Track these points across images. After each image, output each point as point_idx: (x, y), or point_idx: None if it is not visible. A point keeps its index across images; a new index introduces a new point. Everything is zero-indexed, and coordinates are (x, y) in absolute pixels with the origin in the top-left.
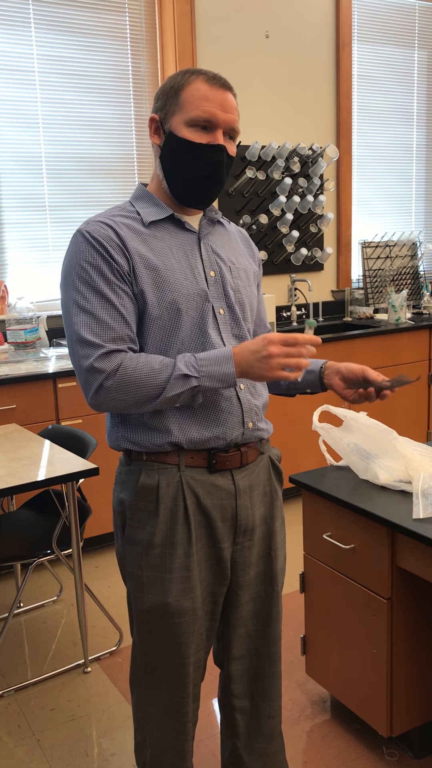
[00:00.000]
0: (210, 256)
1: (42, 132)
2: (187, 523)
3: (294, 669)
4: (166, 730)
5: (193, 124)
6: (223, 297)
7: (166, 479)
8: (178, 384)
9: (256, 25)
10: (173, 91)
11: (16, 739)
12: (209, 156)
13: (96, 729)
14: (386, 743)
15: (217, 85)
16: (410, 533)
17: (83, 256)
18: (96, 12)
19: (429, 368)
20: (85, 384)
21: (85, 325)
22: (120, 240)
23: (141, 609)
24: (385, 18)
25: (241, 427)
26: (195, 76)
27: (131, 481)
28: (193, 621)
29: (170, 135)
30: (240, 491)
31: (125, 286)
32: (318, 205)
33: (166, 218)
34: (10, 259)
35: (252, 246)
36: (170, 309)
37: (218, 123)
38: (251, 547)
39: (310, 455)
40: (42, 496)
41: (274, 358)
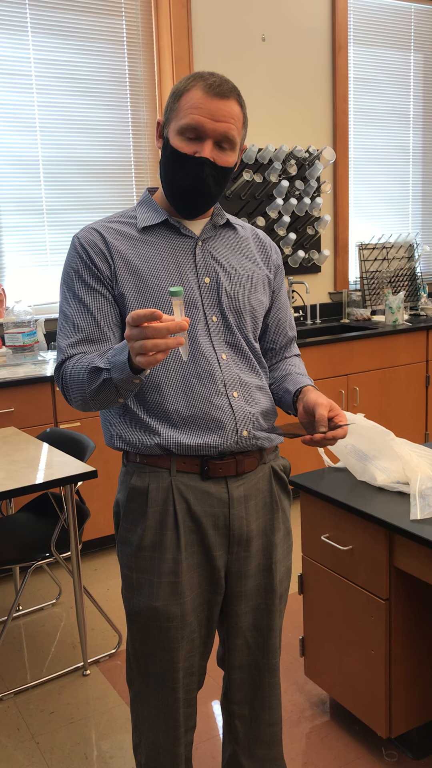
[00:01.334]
0: (206, 262)
1: (39, 135)
2: (176, 528)
3: (293, 670)
4: (158, 733)
5: (182, 132)
6: (216, 304)
7: (156, 482)
8: (92, 378)
9: (252, 29)
10: (175, 96)
11: (15, 742)
12: (191, 167)
13: (95, 732)
14: (385, 744)
15: (212, 93)
16: (408, 534)
17: (70, 261)
18: (93, 16)
19: (426, 370)
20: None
21: (61, 329)
22: (105, 245)
23: (131, 610)
24: (381, 21)
25: (234, 435)
26: (196, 82)
27: (126, 482)
28: (182, 627)
29: (165, 141)
30: (234, 500)
31: (104, 290)
32: (315, 207)
33: (161, 223)
34: (7, 262)
35: (268, 250)
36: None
37: (206, 132)
38: (248, 558)
39: (307, 457)
40: (40, 499)
41: (128, 341)
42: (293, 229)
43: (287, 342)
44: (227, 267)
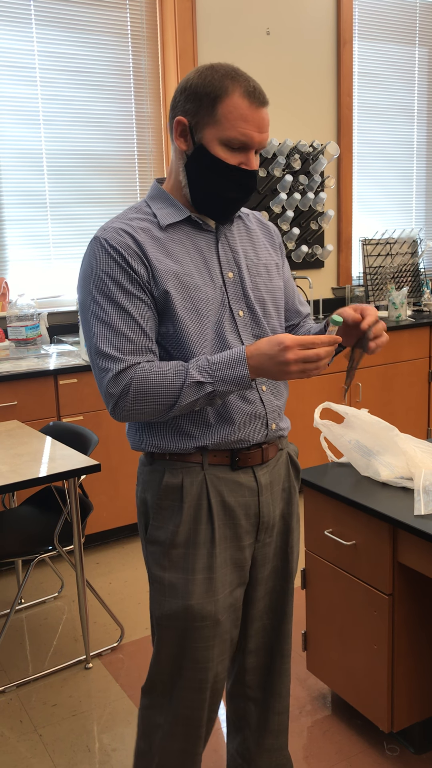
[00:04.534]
0: (228, 256)
1: (43, 129)
2: (210, 523)
3: (295, 665)
4: (177, 737)
5: (228, 143)
6: (242, 298)
7: (190, 478)
8: (192, 391)
9: (257, 22)
10: (209, 99)
11: (18, 735)
12: (243, 181)
13: (97, 724)
14: (387, 739)
15: (256, 103)
16: (411, 529)
17: (100, 265)
18: (97, 9)
19: (430, 365)
20: (104, 400)
21: (104, 337)
22: (138, 247)
23: (163, 614)
24: (385, 15)
25: (264, 429)
26: (234, 86)
27: (154, 480)
28: (214, 626)
29: (201, 148)
30: (262, 488)
31: (144, 296)
32: (319, 202)
33: (183, 219)
34: (11, 255)
35: (273, 234)
36: (192, 313)
37: (253, 145)
38: (270, 543)
39: (311, 452)
40: (43, 492)
41: (290, 364)
42: (297, 223)
43: (304, 317)
44: (246, 259)
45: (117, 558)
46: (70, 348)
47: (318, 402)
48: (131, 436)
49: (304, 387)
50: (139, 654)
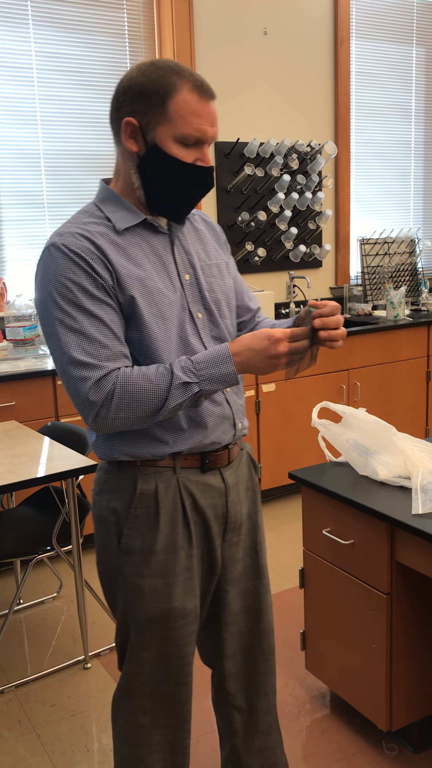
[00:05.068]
0: (183, 258)
1: (40, 129)
2: (186, 525)
3: (293, 664)
4: (166, 733)
5: (182, 140)
6: (200, 300)
7: (163, 483)
8: (179, 393)
9: (254, 22)
10: (158, 97)
11: (17, 735)
12: (201, 178)
13: (96, 724)
14: (385, 738)
15: (206, 96)
16: (409, 528)
17: (63, 272)
18: (94, 9)
19: (427, 365)
20: (82, 411)
21: (77, 345)
22: (100, 252)
23: (143, 618)
24: (383, 14)
25: (232, 429)
26: (181, 81)
27: (125, 488)
28: (194, 620)
29: (155, 148)
30: (229, 488)
31: (111, 301)
32: (316, 202)
33: (139, 223)
34: (8, 256)
35: (217, 232)
36: (157, 318)
37: (207, 140)
38: (238, 542)
39: (309, 451)
40: (42, 492)
41: (281, 357)
42: (294, 223)
43: (255, 312)
44: (199, 259)
45: None
46: None
47: (316, 401)
48: (99, 446)
49: (303, 387)
50: None
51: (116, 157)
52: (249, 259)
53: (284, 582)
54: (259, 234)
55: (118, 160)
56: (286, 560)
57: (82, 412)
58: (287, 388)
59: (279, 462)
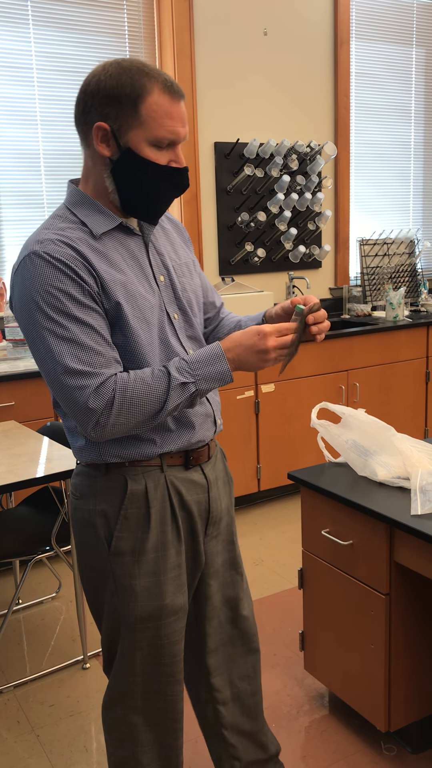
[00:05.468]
0: (156, 259)
1: (40, 129)
2: (175, 522)
3: (292, 665)
4: (159, 732)
5: (157, 143)
6: (174, 301)
7: (152, 482)
8: (177, 393)
9: (254, 22)
10: (129, 100)
11: (15, 735)
12: (176, 179)
13: (95, 725)
14: (384, 738)
15: (176, 96)
16: (408, 529)
17: (48, 280)
18: (94, 9)
19: (427, 365)
20: (80, 421)
21: (70, 354)
22: (83, 258)
23: (135, 617)
24: (383, 15)
25: (213, 426)
26: (151, 83)
27: (113, 489)
28: (183, 616)
29: (129, 152)
30: (210, 484)
31: (98, 307)
32: (316, 202)
33: (116, 227)
34: (8, 256)
35: (183, 231)
36: (141, 323)
37: (180, 140)
38: (218, 536)
39: (308, 452)
40: (41, 492)
41: (270, 351)
42: (294, 224)
43: (219, 308)
44: (170, 260)
45: None
46: None
47: (315, 402)
48: (86, 450)
49: (302, 387)
50: None
51: (84, 160)
52: (248, 259)
53: (283, 582)
54: (258, 234)
55: (87, 163)
56: (285, 561)
57: (81, 420)
58: (286, 388)
59: (278, 462)
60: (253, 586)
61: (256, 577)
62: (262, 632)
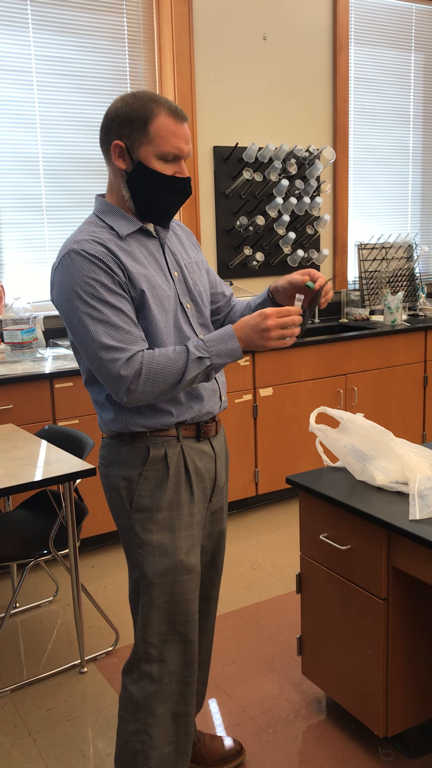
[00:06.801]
0: (171, 258)
1: (39, 132)
2: (189, 485)
3: (290, 669)
4: (173, 700)
5: (163, 157)
6: (187, 293)
7: (171, 449)
8: (195, 366)
9: (253, 27)
10: (140, 122)
11: (12, 740)
12: (180, 187)
13: (92, 729)
14: (382, 743)
15: (180, 119)
16: (406, 534)
17: (85, 272)
18: (94, 13)
19: (424, 370)
20: (114, 388)
21: (105, 333)
22: (113, 254)
23: (153, 572)
24: (382, 21)
25: (219, 401)
26: (158, 108)
27: (137, 456)
28: (196, 577)
29: (140, 165)
30: (217, 455)
31: (126, 294)
32: (315, 206)
33: (137, 229)
34: (7, 259)
35: (190, 234)
36: (160, 309)
37: (183, 155)
38: (218, 503)
39: (306, 456)
40: (39, 496)
41: (271, 330)
42: (293, 228)
43: (229, 297)
44: (182, 258)
45: (112, 562)
46: (66, 351)
47: (313, 406)
48: (116, 421)
49: (300, 391)
50: None
51: (108, 175)
52: (247, 263)
53: (281, 587)
54: (257, 238)
55: (110, 177)
56: (282, 565)
57: (115, 387)
58: (285, 392)
59: (276, 466)
60: (251, 590)
61: (254, 581)
62: (259, 636)
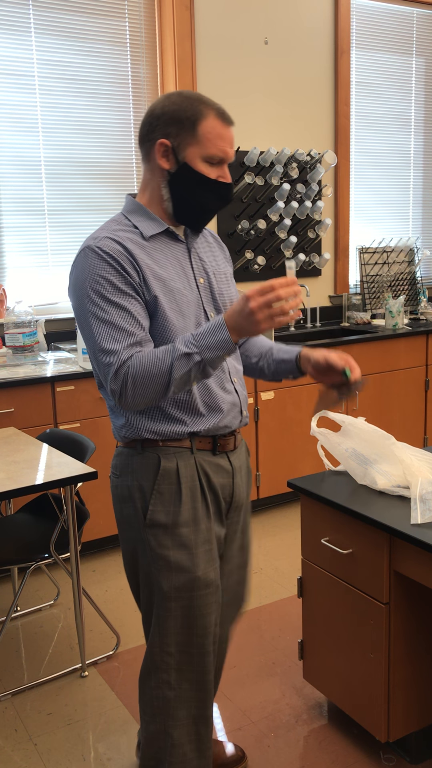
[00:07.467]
0: (198, 264)
1: (41, 136)
2: (204, 500)
3: (291, 674)
4: (191, 705)
5: (209, 160)
6: (211, 301)
7: (183, 461)
8: (182, 364)
9: (255, 32)
10: (189, 122)
11: (12, 744)
12: (223, 192)
13: (93, 733)
14: (383, 748)
15: (227, 122)
16: (408, 538)
17: (96, 270)
18: (96, 17)
19: (426, 374)
20: (109, 394)
21: (105, 334)
22: (129, 254)
23: (170, 587)
24: (383, 25)
25: (240, 416)
26: (208, 109)
27: (148, 466)
28: (215, 591)
29: (185, 166)
30: (235, 470)
31: (138, 296)
32: (316, 210)
33: (162, 231)
34: (8, 262)
35: (224, 247)
36: (176, 314)
37: (228, 159)
38: (238, 521)
39: (308, 460)
40: (40, 499)
41: (255, 313)
42: (294, 232)
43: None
44: (211, 267)
45: (113, 566)
46: (68, 355)
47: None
48: (125, 427)
49: (301, 395)
50: (136, 662)
51: (144, 173)
52: (248, 267)
53: (282, 591)
54: (258, 242)
55: (146, 176)
56: (284, 569)
57: (110, 395)
58: (286, 396)
59: (277, 470)
60: (252, 594)
61: (255, 585)
62: (261, 640)
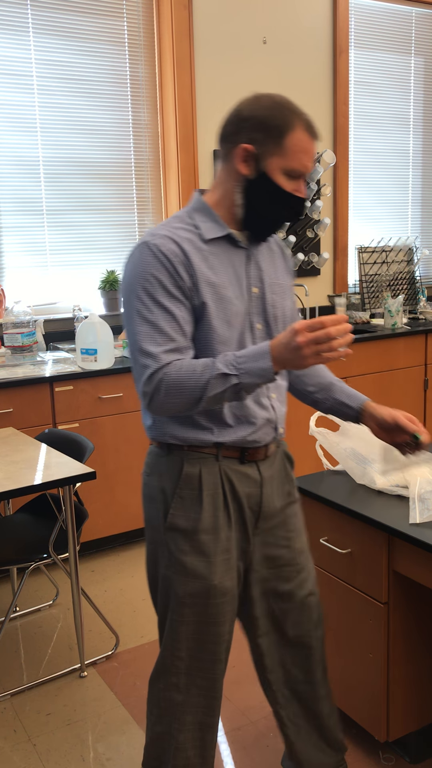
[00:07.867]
0: (255, 273)
1: (40, 136)
2: (226, 509)
3: None
4: (197, 711)
5: (290, 173)
6: (261, 313)
7: (206, 468)
8: (219, 383)
9: (253, 31)
10: (277, 131)
11: (12, 744)
12: (297, 207)
13: (92, 734)
14: (382, 748)
15: (314, 136)
16: (407, 538)
17: (149, 268)
18: (94, 17)
19: (425, 373)
20: (140, 396)
21: (147, 335)
22: (185, 256)
23: (184, 593)
24: (382, 24)
25: (274, 432)
26: (298, 121)
27: (173, 470)
28: (232, 600)
29: (264, 176)
30: (265, 481)
31: (186, 300)
32: (315, 210)
33: (224, 235)
34: (7, 262)
35: (288, 258)
36: (223, 323)
37: (307, 175)
38: (271, 530)
39: (307, 460)
40: (39, 500)
41: (302, 348)
42: (293, 231)
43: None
44: (269, 277)
45: (112, 566)
46: (66, 355)
47: (313, 410)
48: (153, 428)
49: None
50: (135, 662)
51: (218, 172)
52: None
53: None
54: None
55: (221, 176)
56: None
57: (141, 396)
58: None
59: None
60: None
61: None
62: None
